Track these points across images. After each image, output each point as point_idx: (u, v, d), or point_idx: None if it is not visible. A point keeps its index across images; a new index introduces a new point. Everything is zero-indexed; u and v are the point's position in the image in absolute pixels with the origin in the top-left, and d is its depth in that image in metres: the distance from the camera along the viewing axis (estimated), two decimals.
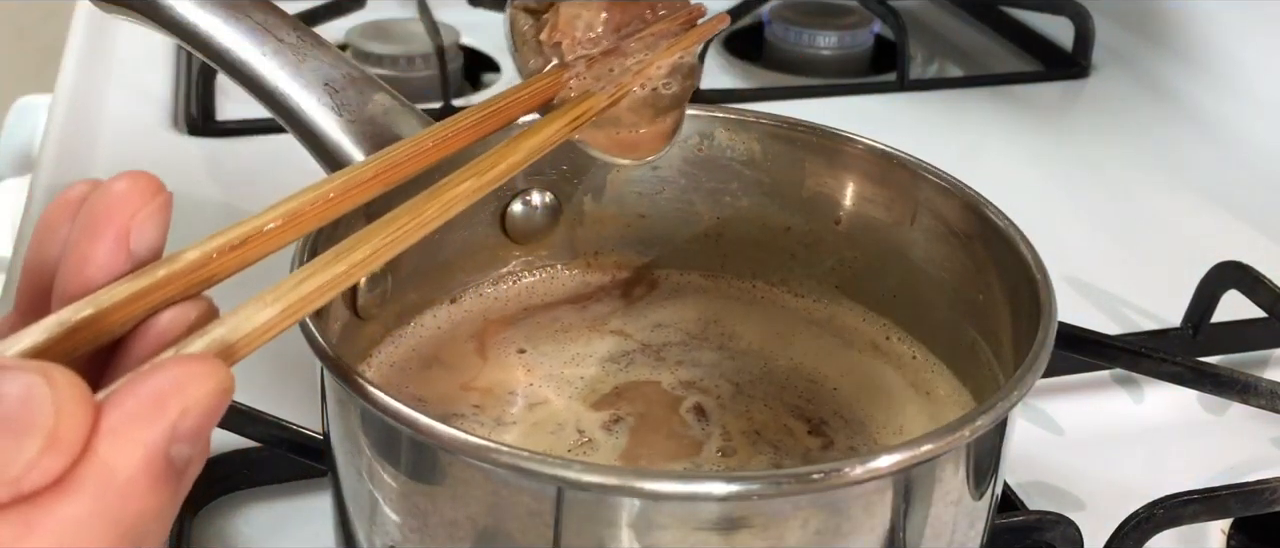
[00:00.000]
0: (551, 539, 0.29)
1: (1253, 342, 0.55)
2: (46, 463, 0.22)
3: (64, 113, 0.71)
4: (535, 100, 0.38)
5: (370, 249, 0.30)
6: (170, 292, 0.27)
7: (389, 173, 0.33)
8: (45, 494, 0.22)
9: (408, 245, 0.31)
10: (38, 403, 0.22)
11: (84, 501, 0.22)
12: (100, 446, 0.22)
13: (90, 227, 0.26)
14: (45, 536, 0.22)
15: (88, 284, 0.26)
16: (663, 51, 0.40)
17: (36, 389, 0.22)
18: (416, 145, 0.34)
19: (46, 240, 0.27)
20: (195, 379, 0.24)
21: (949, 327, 0.41)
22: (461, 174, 0.33)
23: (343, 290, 0.30)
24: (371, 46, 0.77)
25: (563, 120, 0.37)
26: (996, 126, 0.77)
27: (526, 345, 0.42)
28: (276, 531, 0.44)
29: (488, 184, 0.34)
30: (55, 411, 0.22)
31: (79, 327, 0.25)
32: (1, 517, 0.22)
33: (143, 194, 0.27)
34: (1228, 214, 0.68)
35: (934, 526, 0.31)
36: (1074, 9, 0.84)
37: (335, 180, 0.31)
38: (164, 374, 0.23)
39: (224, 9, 0.35)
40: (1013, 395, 0.31)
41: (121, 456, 0.23)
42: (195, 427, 0.24)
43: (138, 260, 0.27)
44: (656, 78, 0.40)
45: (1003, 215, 0.38)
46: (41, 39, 1.17)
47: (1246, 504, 0.42)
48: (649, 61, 0.40)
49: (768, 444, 0.38)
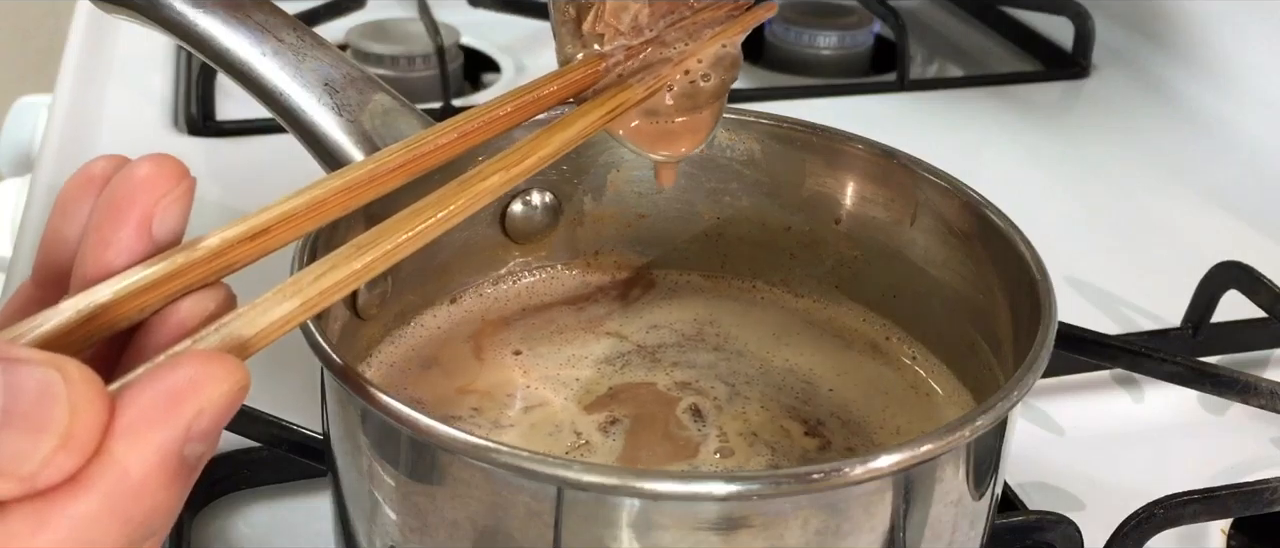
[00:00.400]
0: (551, 539, 0.29)
1: (1253, 342, 0.55)
2: (61, 461, 0.22)
3: (64, 113, 0.71)
4: (570, 89, 0.37)
5: (392, 243, 0.29)
6: (189, 280, 0.26)
7: (415, 162, 0.32)
8: (59, 491, 0.22)
9: (431, 239, 0.30)
10: (53, 400, 0.22)
11: (97, 498, 0.22)
12: (115, 445, 0.22)
13: (114, 210, 0.26)
14: (57, 531, 0.22)
15: (108, 267, 0.26)
16: (705, 41, 0.38)
17: (53, 386, 0.22)
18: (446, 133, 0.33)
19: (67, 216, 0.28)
20: (212, 379, 0.24)
21: (949, 327, 0.41)
22: (490, 166, 0.32)
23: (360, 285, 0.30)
24: (371, 46, 0.77)
25: (598, 112, 0.36)
26: (996, 127, 0.77)
27: (523, 347, 0.42)
28: (276, 531, 0.44)
29: (518, 177, 0.33)
30: (70, 409, 0.22)
31: (97, 313, 0.25)
32: (16, 511, 0.22)
33: (167, 179, 0.27)
34: (1228, 214, 0.68)
35: (934, 526, 0.31)
36: (1074, 9, 0.84)
37: (361, 169, 0.31)
38: (180, 373, 0.23)
39: (224, 9, 0.35)
40: (1013, 395, 0.31)
41: (136, 455, 0.23)
42: (210, 426, 0.24)
43: (158, 246, 0.27)
44: (697, 69, 0.38)
45: (1003, 215, 0.38)
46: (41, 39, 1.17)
47: (1246, 504, 0.42)
48: (689, 52, 0.38)
49: (765, 445, 0.38)
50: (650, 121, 0.38)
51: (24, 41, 1.34)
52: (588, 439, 0.38)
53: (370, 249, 0.29)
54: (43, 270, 0.28)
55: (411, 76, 0.77)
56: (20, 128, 0.87)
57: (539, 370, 0.41)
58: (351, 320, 0.38)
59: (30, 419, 0.22)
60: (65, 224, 0.28)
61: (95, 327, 0.25)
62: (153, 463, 0.23)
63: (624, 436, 0.38)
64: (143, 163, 0.27)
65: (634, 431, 0.38)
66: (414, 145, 0.32)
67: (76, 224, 0.27)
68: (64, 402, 0.22)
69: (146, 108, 0.73)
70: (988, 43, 0.91)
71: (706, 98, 0.39)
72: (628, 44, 0.37)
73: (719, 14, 0.39)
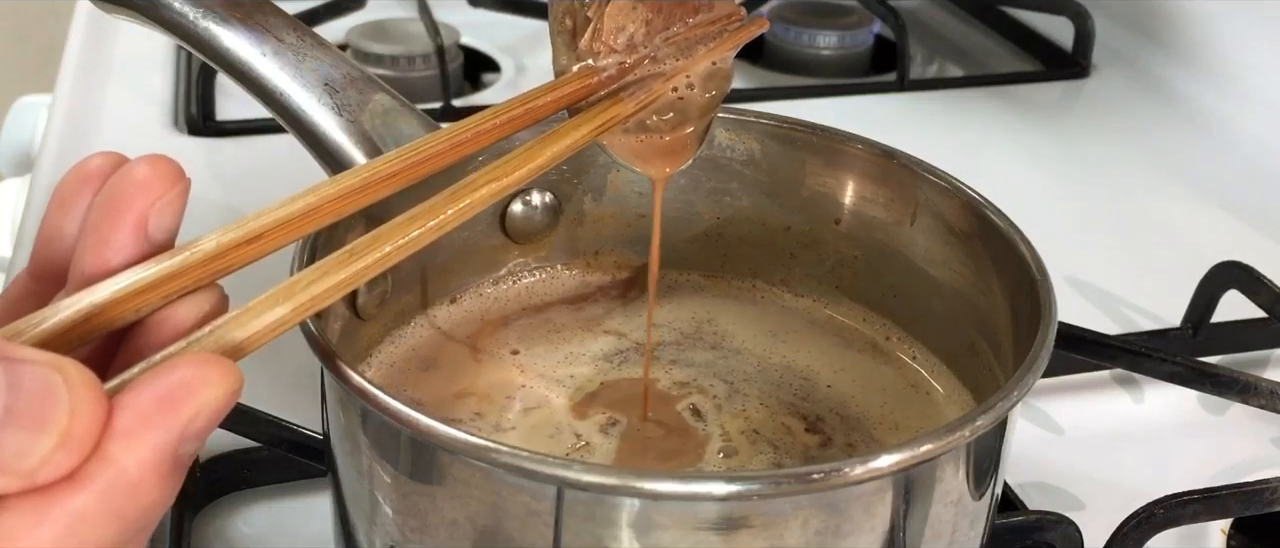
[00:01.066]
0: (551, 539, 0.29)
1: (1253, 342, 0.55)
2: (59, 458, 0.23)
3: (64, 113, 0.71)
4: (564, 101, 0.37)
5: (383, 251, 0.30)
6: (185, 281, 0.27)
7: (410, 170, 0.32)
8: (57, 488, 0.23)
9: (422, 247, 0.31)
10: (53, 399, 0.22)
11: (93, 496, 0.23)
12: (112, 445, 0.23)
13: (111, 211, 0.27)
14: (55, 526, 0.23)
15: (106, 267, 0.27)
16: (698, 57, 0.38)
17: (53, 385, 0.23)
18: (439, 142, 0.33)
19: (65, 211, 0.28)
20: (208, 382, 0.24)
21: (949, 327, 0.41)
22: (482, 176, 0.33)
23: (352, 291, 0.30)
24: (371, 46, 0.77)
25: (589, 125, 0.36)
26: (996, 127, 0.77)
27: (522, 346, 0.42)
28: (276, 531, 0.44)
29: (508, 187, 0.33)
30: (70, 409, 0.23)
31: (95, 312, 0.26)
32: (14, 506, 0.23)
33: (163, 180, 0.27)
34: (1228, 214, 0.68)
35: (934, 526, 0.31)
36: (1074, 9, 0.84)
37: (356, 176, 0.31)
38: (176, 375, 0.24)
39: (224, 9, 0.35)
40: (1013, 395, 0.31)
41: (132, 456, 0.23)
42: (205, 428, 0.24)
43: (154, 246, 0.27)
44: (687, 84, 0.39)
45: (1003, 215, 0.38)
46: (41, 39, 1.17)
47: (1246, 504, 0.42)
48: (681, 67, 0.38)
49: (767, 443, 0.38)
50: (638, 137, 0.39)
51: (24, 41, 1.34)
52: (588, 441, 0.38)
53: (362, 256, 0.30)
54: (39, 263, 0.29)
55: (411, 76, 0.77)
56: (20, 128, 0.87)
57: (538, 370, 0.41)
58: (351, 320, 0.38)
59: (31, 418, 0.22)
60: (63, 219, 0.28)
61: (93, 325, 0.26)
62: (148, 463, 0.23)
63: (624, 436, 0.38)
64: (140, 164, 0.27)
65: (634, 430, 0.38)
66: (407, 154, 0.32)
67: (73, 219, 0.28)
68: (64, 402, 0.22)
69: (146, 108, 0.73)
70: (988, 43, 0.91)
71: (696, 113, 0.39)
72: (622, 59, 0.38)
73: (712, 30, 0.39)
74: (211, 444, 0.43)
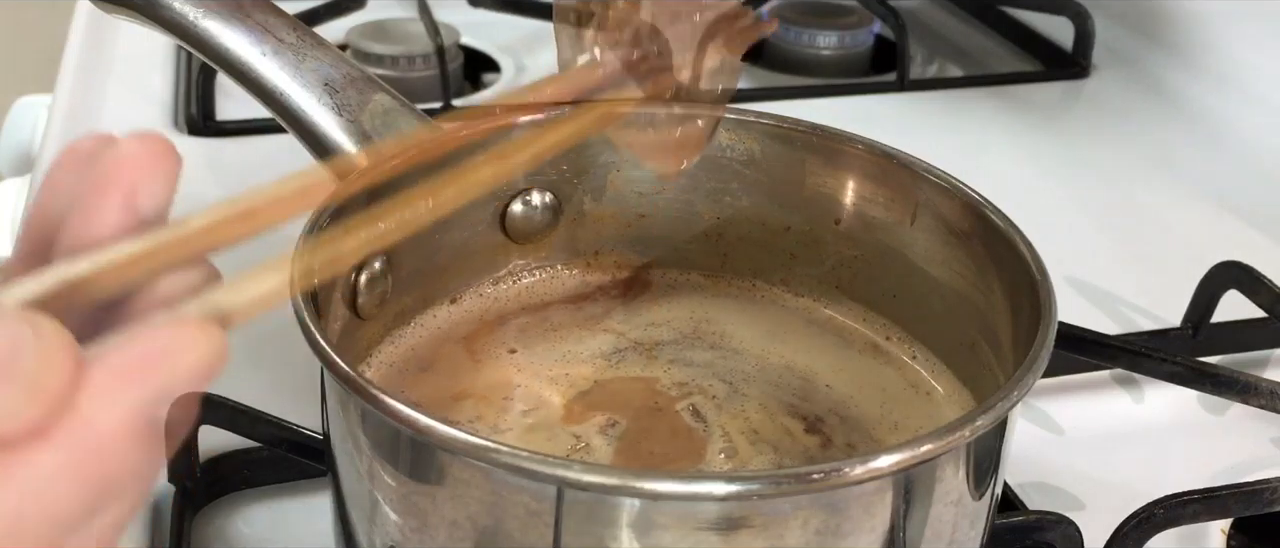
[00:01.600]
0: (551, 540, 0.29)
1: (1253, 342, 0.55)
2: (25, 412, 0.22)
3: (64, 113, 0.71)
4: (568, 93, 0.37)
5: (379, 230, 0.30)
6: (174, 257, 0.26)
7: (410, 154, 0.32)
8: (22, 443, 0.22)
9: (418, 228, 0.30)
10: (21, 352, 0.22)
11: (59, 453, 0.22)
12: (82, 401, 0.22)
13: (99, 183, 0.26)
14: (18, 482, 0.22)
15: (92, 240, 0.26)
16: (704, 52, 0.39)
17: (22, 338, 0.22)
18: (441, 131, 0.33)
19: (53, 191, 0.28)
20: (186, 345, 0.24)
21: (949, 327, 0.41)
22: (484, 159, 0.32)
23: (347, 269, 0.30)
24: (371, 46, 0.77)
25: (592, 115, 0.36)
26: (996, 127, 0.77)
27: (520, 346, 0.42)
28: (276, 531, 0.44)
29: (510, 170, 0.33)
30: (38, 360, 0.22)
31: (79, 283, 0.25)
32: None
33: (153, 155, 0.27)
34: (1228, 214, 0.68)
35: (934, 526, 0.31)
36: (1074, 9, 0.84)
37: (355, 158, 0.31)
38: (154, 337, 0.24)
39: (224, 9, 0.35)
40: (1013, 395, 0.31)
41: (102, 412, 0.23)
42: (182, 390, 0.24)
43: (144, 221, 0.27)
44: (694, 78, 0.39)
45: (1003, 215, 0.38)
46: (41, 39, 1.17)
47: (1246, 504, 0.42)
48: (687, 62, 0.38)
49: (767, 443, 0.38)
50: (647, 131, 0.39)
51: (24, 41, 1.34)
52: (588, 442, 0.38)
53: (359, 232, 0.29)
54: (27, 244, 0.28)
55: (411, 76, 0.77)
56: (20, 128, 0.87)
57: (536, 370, 0.41)
58: (351, 320, 0.38)
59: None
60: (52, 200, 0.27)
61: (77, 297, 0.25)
62: (119, 421, 0.23)
63: (623, 436, 0.38)
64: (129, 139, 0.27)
65: (634, 430, 0.38)
66: (408, 141, 0.32)
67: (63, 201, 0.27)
68: (33, 354, 0.22)
69: (146, 108, 0.73)
70: (988, 43, 0.91)
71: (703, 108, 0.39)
72: (627, 55, 0.37)
73: (718, 27, 0.39)
74: (211, 444, 0.43)
